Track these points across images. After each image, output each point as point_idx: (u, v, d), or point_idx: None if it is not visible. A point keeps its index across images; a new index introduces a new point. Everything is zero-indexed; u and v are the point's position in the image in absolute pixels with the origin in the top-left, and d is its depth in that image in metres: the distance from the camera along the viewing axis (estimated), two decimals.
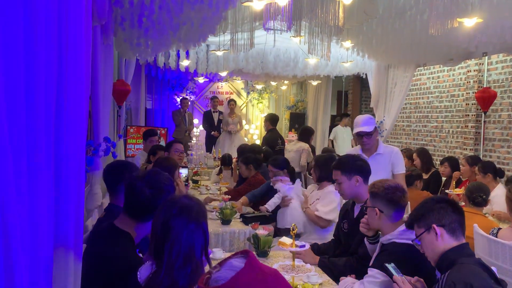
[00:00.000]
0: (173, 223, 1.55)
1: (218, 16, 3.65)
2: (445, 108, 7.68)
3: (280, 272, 1.21)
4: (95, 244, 1.98)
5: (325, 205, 3.70)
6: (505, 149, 6.34)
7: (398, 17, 4.64)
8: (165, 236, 1.55)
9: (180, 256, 1.51)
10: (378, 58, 6.80)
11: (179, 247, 1.52)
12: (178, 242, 1.53)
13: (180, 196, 1.68)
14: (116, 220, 2.00)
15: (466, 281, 1.69)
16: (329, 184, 3.79)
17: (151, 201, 1.88)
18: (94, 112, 3.01)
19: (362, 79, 9.93)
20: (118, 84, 5.39)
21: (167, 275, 1.49)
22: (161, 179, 1.95)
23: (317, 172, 3.92)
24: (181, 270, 1.49)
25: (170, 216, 1.57)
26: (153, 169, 2.09)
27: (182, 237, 1.54)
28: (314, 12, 4.05)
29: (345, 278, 2.33)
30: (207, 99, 11.06)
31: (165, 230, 1.55)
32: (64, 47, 1.48)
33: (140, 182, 1.90)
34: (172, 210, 1.58)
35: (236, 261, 1.12)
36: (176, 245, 1.52)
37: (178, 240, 1.53)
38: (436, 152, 7.55)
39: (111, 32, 3.41)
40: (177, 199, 1.63)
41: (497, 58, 6.48)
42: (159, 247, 1.54)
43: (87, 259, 1.94)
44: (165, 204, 1.62)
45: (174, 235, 1.54)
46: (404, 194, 2.28)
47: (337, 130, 9.36)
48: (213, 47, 6.97)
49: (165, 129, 9.65)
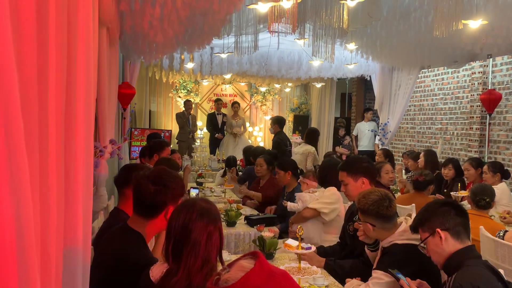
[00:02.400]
0: (194, 227, 1.58)
1: (222, 19, 3.66)
2: (449, 110, 7.66)
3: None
4: (109, 243, 2.01)
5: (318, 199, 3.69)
6: (510, 151, 6.32)
7: (403, 19, 4.64)
8: (185, 239, 1.57)
9: (199, 259, 1.54)
10: (383, 60, 6.80)
11: (198, 250, 1.55)
12: (197, 245, 1.55)
13: (196, 198, 1.70)
14: (129, 220, 2.04)
15: (473, 284, 1.69)
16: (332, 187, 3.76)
17: (155, 197, 1.90)
18: (100, 115, 3.03)
19: (366, 81, 9.92)
20: (123, 86, 5.41)
21: (184, 277, 1.51)
22: (165, 176, 1.98)
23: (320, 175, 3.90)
24: (199, 273, 1.52)
25: (190, 220, 1.59)
26: (159, 167, 2.12)
27: (202, 240, 1.56)
28: (319, 14, 4.06)
29: (351, 280, 2.34)
30: (211, 101, 11.08)
31: (185, 233, 1.57)
32: (73, 49, 1.50)
33: (145, 179, 1.94)
34: (192, 214, 1.60)
35: (245, 262, 1.13)
36: (196, 248, 1.55)
37: (197, 243, 1.55)
38: (441, 154, 7.53)
39: (116, 35, 3.43)
40: (196, 203, 1.65)
41: (502, 60, 6.46)
42: (178, 250, 1.56)
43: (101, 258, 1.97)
44: (183, 207, 1.64)
45: (194, 238, 1.56)
46: (390, 203, 2.27)
47: (360, 126, 9.30)
48: (217, 50, 6.99)
49: (169, 131, 9.69)
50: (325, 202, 3.57)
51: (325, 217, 3.56)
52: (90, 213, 1.70)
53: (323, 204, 3.56)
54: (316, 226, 3.62)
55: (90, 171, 1.77)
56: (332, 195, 3.63)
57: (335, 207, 3.59)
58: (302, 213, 3.63)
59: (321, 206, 3.55)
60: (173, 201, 1.93)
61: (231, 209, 3.92)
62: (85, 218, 1.61)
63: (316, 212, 3.56)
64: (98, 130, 3.12)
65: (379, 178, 4.71)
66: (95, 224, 2.86)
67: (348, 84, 11.03)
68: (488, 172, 4.51)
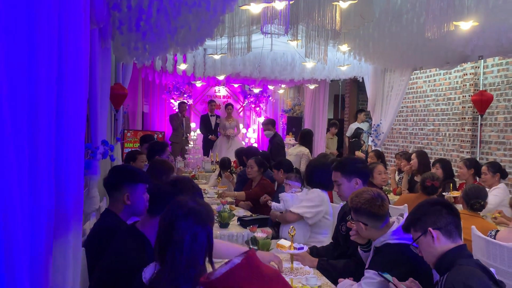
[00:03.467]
0: (178, 225, 1.56)
1: (215, 20, 3.66)
2: (441, 111, 7.71)
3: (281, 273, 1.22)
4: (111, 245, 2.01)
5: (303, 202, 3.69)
6: (502, 151, 6.37)
7: (395, 21, 4.66)
8: (169, 237, 1.55)
9: (183, 259, 1.52)
10: (375, 62, 6.83)
11: (182, 249, 1.53)
12: (180, 244, 1.53)
13: (188, 198, 1.69)
14: (139, 221, 2.06)
15: (465, 283, 1.70)
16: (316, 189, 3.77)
17: (168, 196, 1.90)
18: (92, 116, 3.02)
19: (359, 83, 9.97)
20: (115, 88, 5.38)
21: (170, 277, 1.49)
22: (185, 181, 2.04)
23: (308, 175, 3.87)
24: (184, 273, 1.50)
25: (175, 218, 1.58)
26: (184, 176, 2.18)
27: (185, 240, 1.54)
28: (311, 16, 4.07)
29: (344, 280, 2.34)
30: (205, 103, 11.06)
31: (169, 231, 1.56)
32: (64, 50, 1.49)
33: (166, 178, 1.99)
34: (178, 212, 1.59)
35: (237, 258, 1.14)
36: (179, 247, 1.53)
37: (181, 242, 1.53)
38: (433, 155, 7.57)
39: (108, 36, 3.42)
40: (185, 202, 1.64)
41: (493, 61, 6.52)
42: (163, 248, 1.55)
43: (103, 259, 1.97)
44: (172, 204, 1.63)
45: (177, 237, 1.54)
46: (382, 202, 2.28)
47: (354, 127, 9.34)
48: (210, 51, 6.99)
49: (162, 133, 9.66)
50: (308, 206, 3.58)
51: (309, 221, 3.58)
52: (80, 214, 1.69)
53: (305, 209, 3.57)
54: (302, 227, 3.63)
55: (81, 172, 1.76)
56: (315, 197, 3.63)
57: (319, 210, 3.59)
58: (286, 217, 3.64)
59: (303, 210, 3.56)
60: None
61: (224, 210, 3.91)
62: (76, 219, 1.60)
63: (299, 216, 3.58)
64: (90, 131, 3.11)
65: (372, 178, 4.74)
66: (87, 226, 2.84)
67: (341, 86, 11.08)
68: (488, 173, 4.52)
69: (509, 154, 6.26)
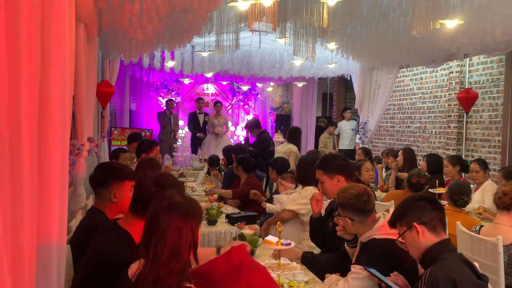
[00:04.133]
0: (161, 218, 1.56)
1: (203, 17, 3.64)
2: (428, 109, 7.79)
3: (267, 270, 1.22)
4: (95, 241, 2.00)
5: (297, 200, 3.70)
6: (486, 149, 6.47)
7: (382, 19, 4.70)
8: (153, 229, 1.56)
9: (165, 251, 1.52)
10: (362, 60, 6.87)
11: (164, 242, 1.53)
12: (163, 236, 1.54)
13: (173, 193, 1.68)
14: (121, 218, 2.04)
15: (448, 276, 1.73)
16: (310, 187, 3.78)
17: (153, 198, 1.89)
18: (78, 112, 2.99)
19: (346, 81, 10.02)
20: (102, 85, 5.34)
21: (152, 270, 1.50)
22: (168, 180, 2.01)
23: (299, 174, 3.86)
24: (166, 266, 1.49)
25: (159, 210, 1.58)
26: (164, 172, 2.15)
27: (168, 233, 1.54)
28: (299, 13, 4.08)
29: (330, 275, 2.36)
30: (193, 100, 11.02)
31: (153, 223, 1.57)
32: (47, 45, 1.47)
33: (149, 179, 1.97)
34: (162, 204, 1.60)
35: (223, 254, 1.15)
36: (162, 239, 1.53)
37: (163, 234, 1.54)
38: (420, 153, 7.66)
39: (95, 32, 3.38)
40: (170, 195, 1.64)
41: (478, 59, 6.60)
42: (148, 239, 1.55)
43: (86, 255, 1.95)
44: (157, 199, 1.63)
45: (160, 229, 1.55)
46: (368, 197, 2.31)
47: (341, 125, 9.38)
48: (198, 48, 6.96)
49: (150, 130, 9.61)
50: (302, 203, 3.60)
51: (303, 217, 3.59)
52: (65, 211, 1.67)
53: (300, 205, 3.59)
54: (294, 226, 3.64)
55: (66, 170, 1.74)
56: (308, 195, 3.64)
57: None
58: (281, 215, 3.65)
59: (298, 207, 3.58)
60: None
61: (212, 207, 3.91)
62: (60, 216, 1.58)
63: (294, 213, 3.59)
64: (75, 128, 3.08)
65: (359, 175, 4.77)
66: (73, 223, 2.82)
67: (329, 84, 11.13)
68: (480, 170, 4.59)
69: (493, 151, 6.36)
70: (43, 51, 1.42)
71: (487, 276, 1.92)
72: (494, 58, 6.24)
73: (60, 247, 1.51)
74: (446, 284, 1.72)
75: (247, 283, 1.10)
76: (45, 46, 1.44)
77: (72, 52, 2.06)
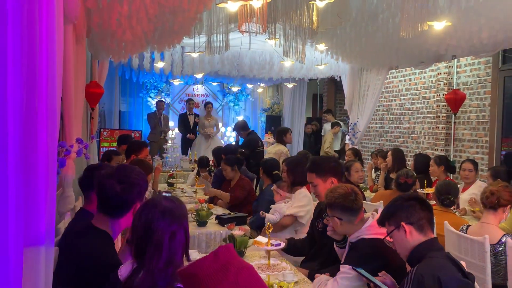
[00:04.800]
0: (155, 227, 1.55)
1: (193, 18, 3.64)
2: (416, 110, 7.86)
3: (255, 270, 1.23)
4: (75, 243, 1.96)
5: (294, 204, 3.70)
6: (474, 149, 6.55)
7: (371, 20, 4.73)
8: (148, 239, 1.54)
9: (162, 259, 1.52)
10: (352, 61, 6.91)
11: (161, 250, 1.53)
12: (160, 245, 1.53)
13: (161, 197, 1.67)
14: (93, 219, 1.99)
15: (434, 274, 1.75)
16: (301, 188, 3.79)
17: (123, 196, 1.87)
18: (66, 113, 2.96)
19: (336, 82, 10.07)
20: (91, 85, 5.29)
21: (148, 277, 1.49)
22: (131, 174, 1.94)
23: (291, 177, 3.84)
24: (162, 272, 1.50)
25: (152, 220, 1.57)
26: (122, 165, 2.08)
27: (164, 240, 1.54)
28: (289, 14, 4.09)
29: (320, 275, 2.36)
30: (183, 101, 10.98)
31: (148, 234, 1.55)
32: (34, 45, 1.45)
33: (110, 179, 1.90)
34: (154, 214, 1.58)
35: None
36: (158, 248, 1.53)
37: (160, 243, 1.53)
38: (409, 153, 7.73)
39: (83, 32, 3.36)
40: (158, 202, 1.62)
41: (466, 61, 6.69)
42: (141, 249, 1.54)
43: (66, 258, 1.92)
44: (146, 206, 1.61)
45: (156, 238, 1.54)
46: (356, 196, 2.33)
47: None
48: (188, 49, 6.94)
49: (140, 132, 9.55)
50: (299, 206, 3.62)
51: (302, 220, 3.61)
52: (53, 213, 1.65)
53: (298, 208, 3.60)
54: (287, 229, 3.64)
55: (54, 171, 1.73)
56: (303, 197, 3.67)
57: (309, 208, 3.64)
58: (280, 222, 3.63)
59: (296, 210, 3.59)
60: (140, 197, 1.90)
61: (202, 208, 3.90)
62: (48, 219, 1.56)
63: (294, 217, 3.61)
64: (64, 129, 3.05)
65: (349, 176, 4.80)
66: (61, 225, 2.79)
67: (319, 85, 11.17)
68: (473, 170, 4.65)
69: (481, 152, 6.43)
70: (30, 51, 1.41)
71: (474, 275, 1.94)
72: (481, 59, 6.32)
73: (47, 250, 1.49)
74: (431, 282, 1.74)
75: (234, 282, 1.10)
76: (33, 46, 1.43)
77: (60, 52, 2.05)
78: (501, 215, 3.00)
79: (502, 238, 2.88)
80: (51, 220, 1.55)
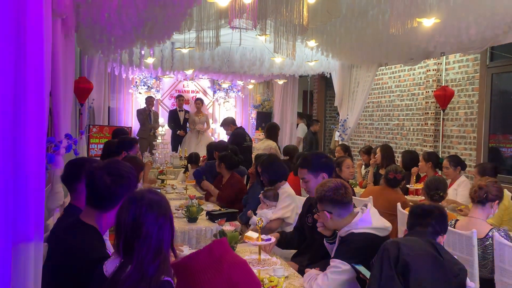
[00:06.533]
0: (144, 220, 1.56)
1: (183, 13, 3.62)
2: (406, 106, 7.92)
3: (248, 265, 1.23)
4: (62, 238, 1.95)
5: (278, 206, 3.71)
6: (462, 145, 6.62)
7: (361, 17, 4.75)
8: (136, 232, 1.55)
9: (151, 251, 1.53)
10: (342, 58, 6.93)
11: (150, 242, 1.54)
12: (149, 238, 1.54)
13: (144, 191, 1.67)
14: (81, 214, 1.98)
15: (395, 241, 1.94)
16: (282, 184, 3.78)
17: (112, 188, 1.87)
18: (55, 109, 2.93)
19: (326, 79, 10.10)
20: (80, 81, 5.25)
21: (137, 269, 1.49)
22: (120, 167, 1.94)
23: (266, 176, 3.86)
24: (151, 264, 1.50)
25: (140, 213, 1.57)
26: (112, 159, 2.07)
27: (153, 232, 1.55)
28: (279, 10, 4.08)
29: (310, 270, 2.38)
30: (173, 97, 10.93)
31: (136, 227, 1.56)
32: (22, 40, 1.44)
33: (100, 170, 1.90)
34: (141, 207, 1.58)
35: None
36: (147, 241, 1.54)
37: (149, 236, 1.54)
38: (398, 150, 7.79)
39: (72, 27, 3.32)
40: (144, 195, 1.62)
41: (454, 58, 6.75)
42: (129, 244, 1.54)
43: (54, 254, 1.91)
44: (132, 200, 1.61)
45: (145, 231, 1.55)
46: (346, 190, 2.36)
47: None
48: (178, 45, 6.90)
49: (129, 128, 9.49)
50: (284, 207, 3.63)
51: (289, 220, 3.63)
52: (42, 210, 1.64)
53: (283, 210, 3.63)
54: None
55: (42, 167, 1.71)
56: (285, 197, 3.68)
57: (293, 206, 3.66)
58: (269, 226, 3.64)
59: (282, 212, 3.61)
60: (129, 191, 1.89)
61: (192, 204, 3.89)
62: (37, 215, 1.55)
63: (280, 220, 3.63)
64: (53, 125, 3.02)
65: (340, 172, 4.82)
66: (50, 221, 2.77)
67: (310, 82, 11.19)
68: (450, 167, 4.71)
69: (469, 148, 6.51)
70: (18, 46, 1.39)
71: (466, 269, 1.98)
72: (470, 56, 6.39)
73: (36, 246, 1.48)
74: (391, 247, 1.91)
75: (227, 276, 1.11)
76: (20, 41, 1.42)
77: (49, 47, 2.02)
78: (489, 210, 3.05)
79: (490, 232, 2.93)
80: (40, 216, 1.54)
